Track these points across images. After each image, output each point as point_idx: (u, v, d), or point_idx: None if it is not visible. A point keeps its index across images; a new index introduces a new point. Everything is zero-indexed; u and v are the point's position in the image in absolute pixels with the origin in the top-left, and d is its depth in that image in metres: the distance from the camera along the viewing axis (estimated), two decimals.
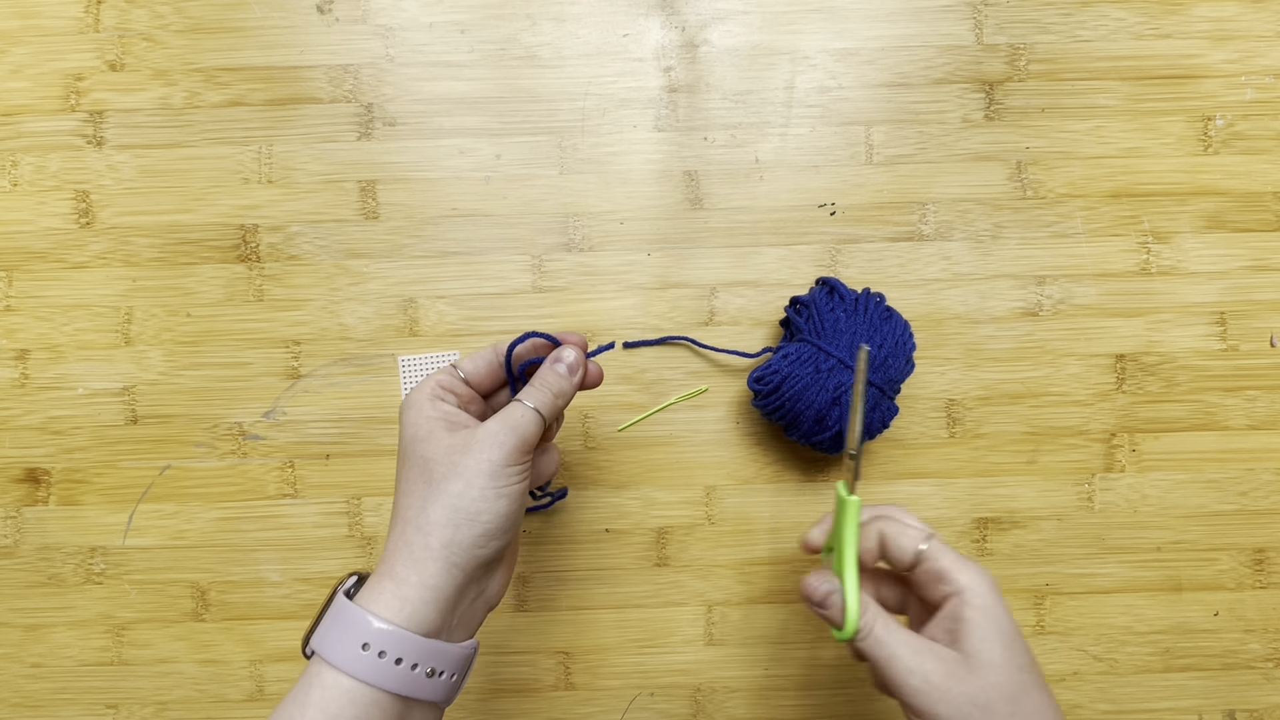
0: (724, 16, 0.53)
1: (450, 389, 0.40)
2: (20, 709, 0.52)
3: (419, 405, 0.38)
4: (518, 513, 0.37)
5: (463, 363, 0.41)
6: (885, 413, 0.47)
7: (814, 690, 0.52)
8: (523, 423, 0.37)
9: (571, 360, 0.41)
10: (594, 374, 0.42)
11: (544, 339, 0.42)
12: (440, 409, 0.38)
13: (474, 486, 0.35)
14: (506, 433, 0.36)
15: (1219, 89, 0.52)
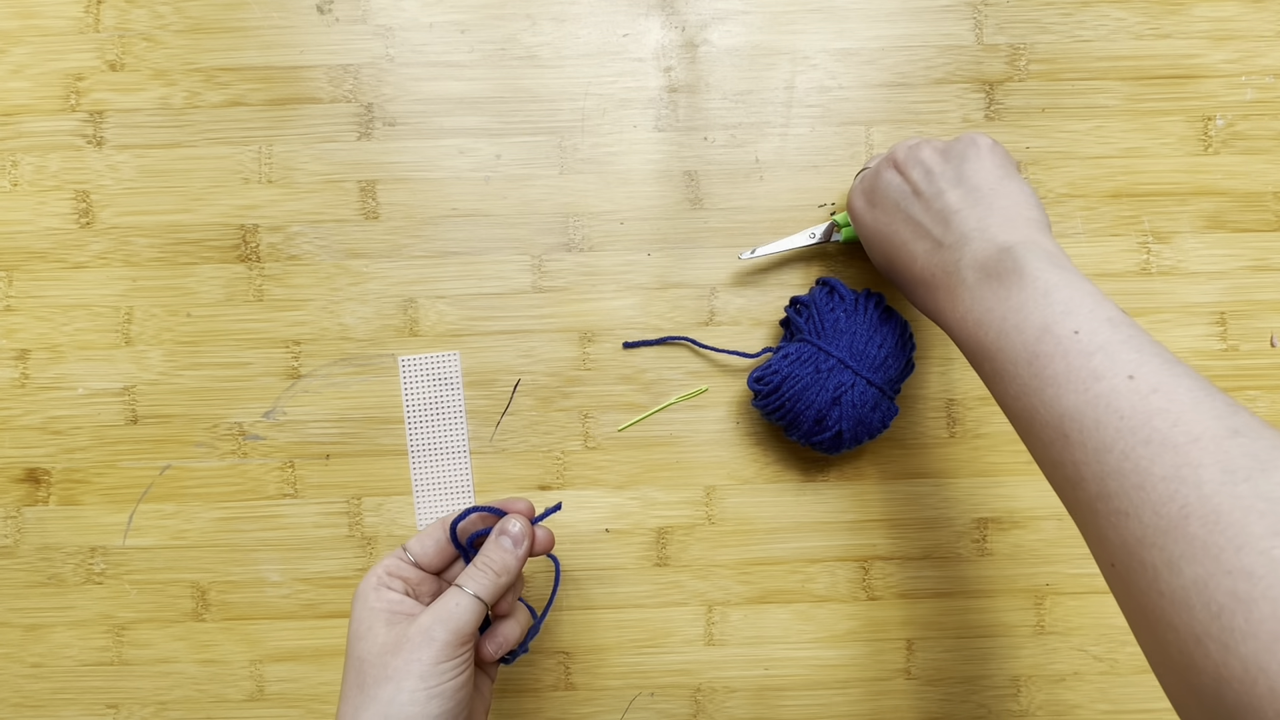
0: (724, 16, 0.53)
1: (397, 574, 0.39)
2: (20, 709, 0.52)
3: (363, 596, 0.37)
4: (457, 709, 0.35)
5: (411, 543, 0.40)
6: (885, 413, 0.47)
7: (814, 690, 0.52)
8: (456, 613, 0.36)
9: (515, 532, 0.40)
10: (543, 540, 0.41)
11: (489, 511, 0.41)
12: (384, 599, 0.37)
13: (403, 690, 0.33)
14: (438, 627, 0.35)
15: (1219, 89, 0.52)
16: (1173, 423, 0.25)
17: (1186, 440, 0.25)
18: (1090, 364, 0.28)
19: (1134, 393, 0.26)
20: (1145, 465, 0.25)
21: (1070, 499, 0.29)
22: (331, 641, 0.52)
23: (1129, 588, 0.26)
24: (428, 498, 0.52)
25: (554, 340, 0.52)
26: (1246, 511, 0.23)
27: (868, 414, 0.46)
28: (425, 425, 0.52)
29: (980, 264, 0.35)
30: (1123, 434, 0.26)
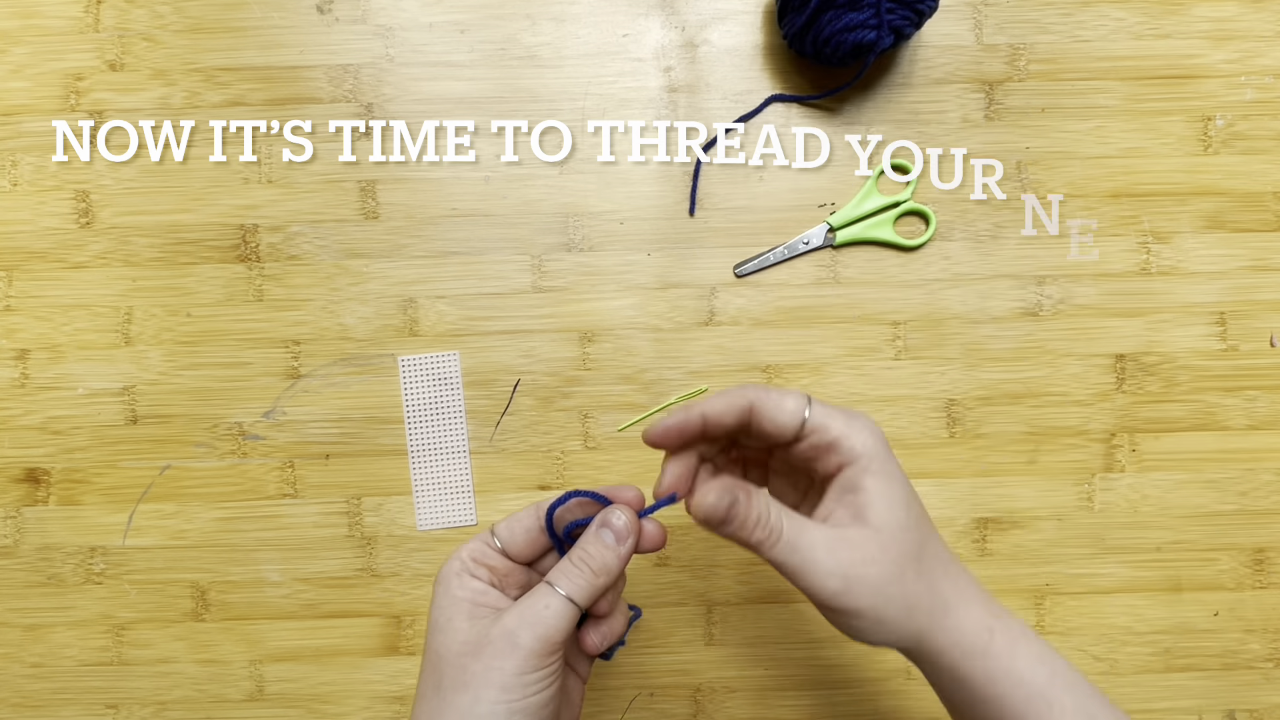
0: (724, 16, 0.53)
1: (482, 560, 0.34)
2: (20, 709, 0.52)
3: (445, 581, 0.33)
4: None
5: (499, 528, 0.35)
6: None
7: (814, 690, 0.52)
8: (545, 616, 0.31)
9: (620, 526, 0.34)
10: (652, 537, 0.35)
11: (590, 497, 0.36)
12: (467, 587, 0.33)
13: (482, 701, 0.30)
14: (524, 631, 0.30)
15: (1219, 89, 0.52)
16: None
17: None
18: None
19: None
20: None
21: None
22: (331, 641, 0.52)
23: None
24: (428, 498, 0.52)
25: (554, 340, 0.52)
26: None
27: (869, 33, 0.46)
28: (425, 425, 0.52)
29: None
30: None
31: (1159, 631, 0.52)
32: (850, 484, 0.32)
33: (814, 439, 0.33)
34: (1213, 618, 0.52)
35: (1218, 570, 0.52)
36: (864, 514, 0.32)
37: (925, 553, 0.33)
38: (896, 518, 0.32)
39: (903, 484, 0.33)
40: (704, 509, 0.31)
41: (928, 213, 0.52)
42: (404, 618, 0.52)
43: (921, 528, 0.33)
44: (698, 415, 0.34)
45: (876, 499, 0.32)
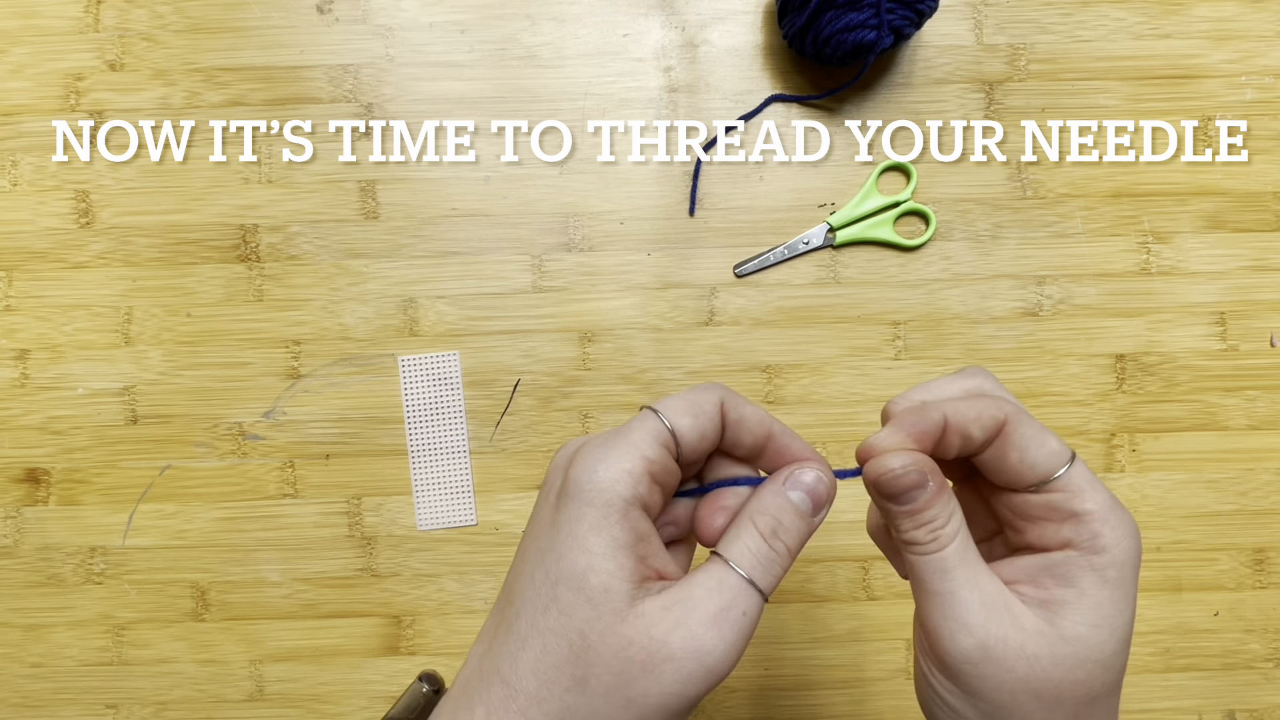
0: (724, 16, 0.53)
1: (661, 479, 0.25)
2: (20, 709, 0.52)
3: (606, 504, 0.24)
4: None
5: (677, 416, 0.25)
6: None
7: (814, 690, 0.52)
8: (744, 624, 0.24)
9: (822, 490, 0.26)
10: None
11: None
12: (635, 528, 0.24)
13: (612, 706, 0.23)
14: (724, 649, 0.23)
15: (1219, 89, 0.52)
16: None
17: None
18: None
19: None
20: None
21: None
22: (331, 641, 0.52)
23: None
24: (428, 498, 0.52)
25: (554, 340, 0.52)
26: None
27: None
28: (425, 425, 0.52)
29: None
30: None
31: (1159, 631, 0.52)
32: (1065, 571, 0.25)
33: (1057, 500, 0.25)
34: (1213, 618, 0.52)
35: (1218, 570, 0.52)
36: (1059, 613, 0.25)
37: (1100, 705, 0.25)
38: (1100, 644, 0.25)
39: (1129, 615, 0.25)
40: (883, 469, 0.25)
41: (928, 213, 0.52)
42: (404, 618, 0.52)
43: (1117, 675, 0.25)
44: (939, 418, 0.26)
45: (1090, 610, 0.25)
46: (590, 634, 0.23)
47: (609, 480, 0.24)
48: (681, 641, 0.23)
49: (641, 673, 0.23)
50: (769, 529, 0.25)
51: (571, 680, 0.23)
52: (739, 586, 0.24)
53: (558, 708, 0.23)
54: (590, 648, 0.23)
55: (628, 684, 0.23)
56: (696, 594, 0.24)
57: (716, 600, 0.24)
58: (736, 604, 0.24)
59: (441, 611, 0.52)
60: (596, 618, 0.23)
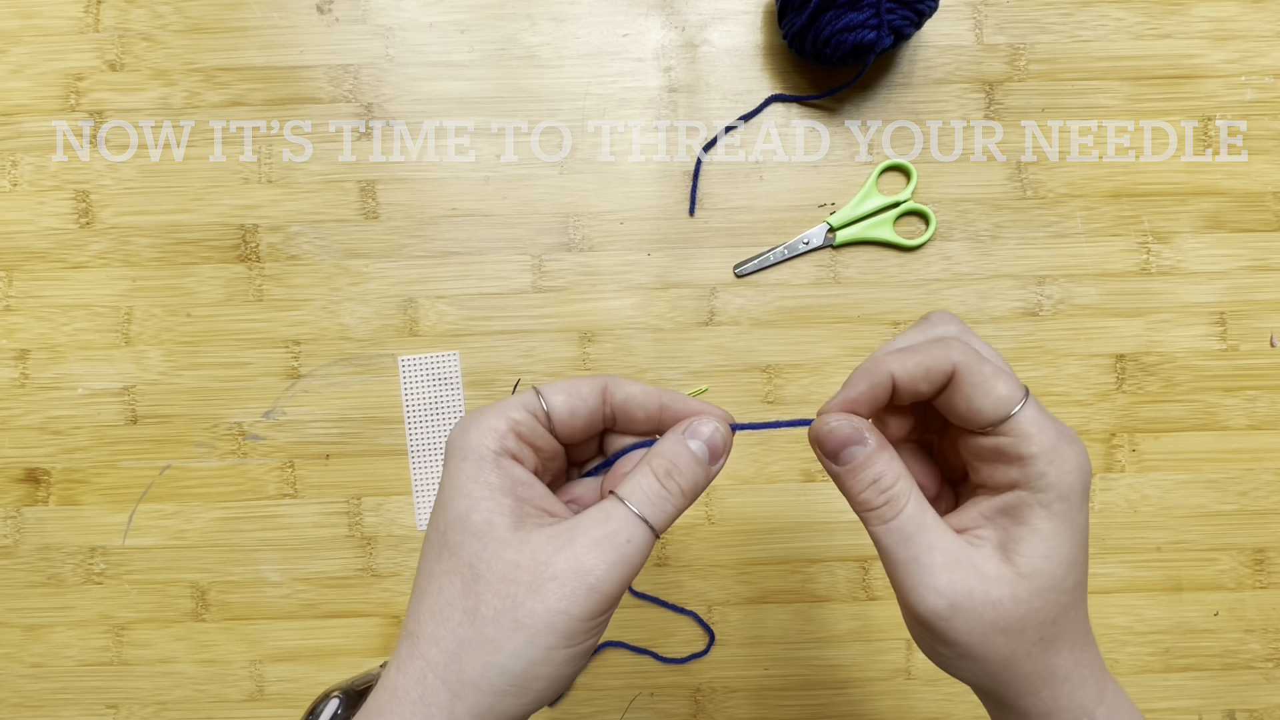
0: (724, 16, 0.53)
1: (530, 438, 0.27)
2: (20, 709, 0.52)
3: (478, 459, 0.26)
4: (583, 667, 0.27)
5: (553, 396, 0.28)
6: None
7: (814, 690, 0.52)
8: (629, 553, 0.25)
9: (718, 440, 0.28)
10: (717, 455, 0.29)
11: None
12: (510, 475, 0.26)
13: (538, 646, 0.24)
14: (602, 570, 0.25)
15: (1219, 89, 0.52)
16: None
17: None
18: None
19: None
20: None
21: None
22: (331, 641, 0.52)
23: None
24: (428, 498, 0.52)
25: (554, 340, 0.52)
26: None
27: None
28: (425, 425, 0.52)
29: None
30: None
31: (1159, 631, 0.52)
32: (1016, 511, 0.27)
33: (1004, 444, 0.26)
34: (1213, 618, 0.52)
35: (1218, 570, 0.52)
36: (1015, 551, 0.26)
37: (1060, 621, 0.27)
38: (1052, 573, 0.26)
39: (1079, 539, 0.27)
40: (819, 431, 0.27)
41: (928, 213, 0.52)
42: (404, 618, 0.52)
43: (1074, 594, 0.27)
44: (885, 376, 0.27)
45: (1040, 544, 0.26)
46: (478, 564, 0.25)
47: (477, 436, 0.26)
48: (565, 562, 0.24)
49: (528, 594, 0.24)
50: (663, 470, 0.27)
51: (463, 614, 0.25)
52: (625, 516, 0.26)
53: (452, 644, 0.25)
54: (479, 577, 0.25)
55: (515, 605, 0.24)
56: (583, 524, 0.26)
57: (602, 528, 0.25)
58: (621, 532, 0.25)
59: None
60: (482, 548, 0.25)
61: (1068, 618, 0.27)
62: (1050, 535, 0.26)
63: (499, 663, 0.24)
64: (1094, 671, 0.28)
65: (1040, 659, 0.27)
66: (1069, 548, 0.26)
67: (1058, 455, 0.26)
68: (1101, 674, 0.29)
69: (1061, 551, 0.26)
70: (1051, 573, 0.26)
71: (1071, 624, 0.27)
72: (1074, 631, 0.28)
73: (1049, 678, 0.27)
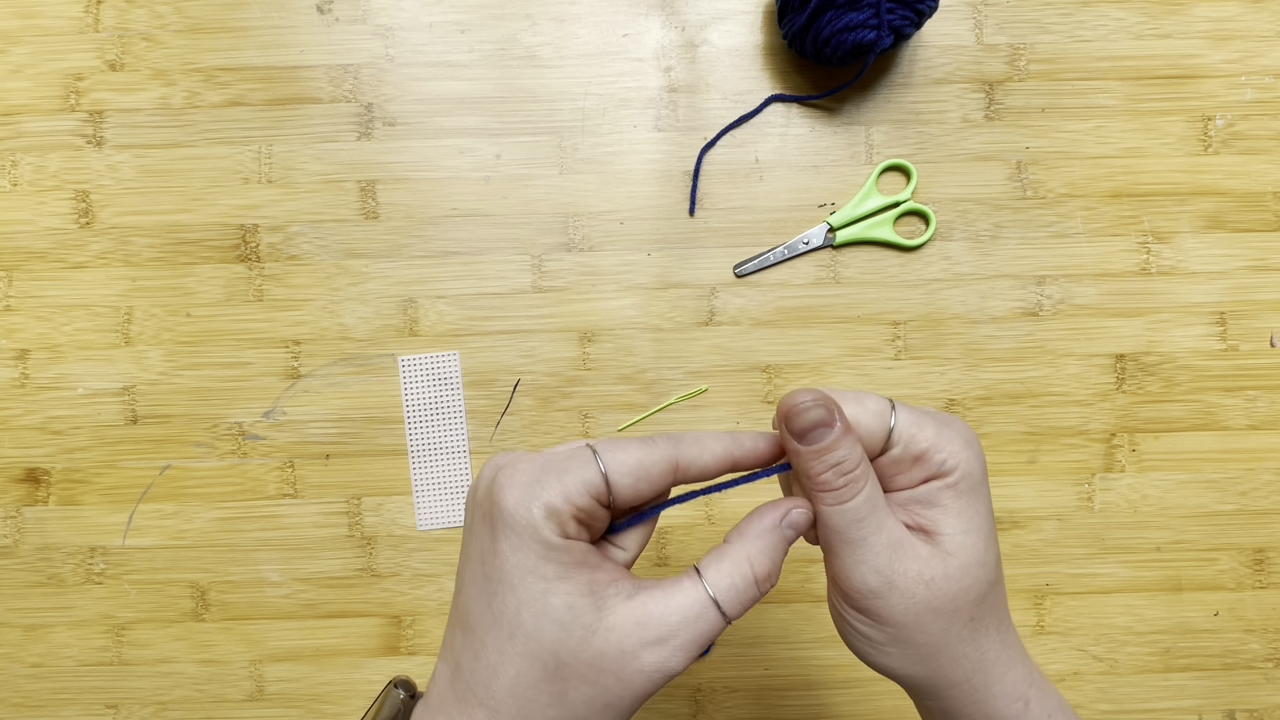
0: (724, 16, 0.53)
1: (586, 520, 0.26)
2: (20, 709, 0.52)
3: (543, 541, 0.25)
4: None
5: (619, 475, 0.26)
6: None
7: (814, 690, 0.52)
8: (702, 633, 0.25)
9: (801, 523, 0.28)
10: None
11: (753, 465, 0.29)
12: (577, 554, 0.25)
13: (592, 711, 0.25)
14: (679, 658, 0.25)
15: (1219, 89, 0.52)
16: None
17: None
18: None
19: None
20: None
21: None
22: (331, 641, 0.52)
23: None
24: (428, 498, 0.52)
25: (554, 340, 0.52)
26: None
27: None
28: (425, 425, 0.52)
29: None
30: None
31: (1159, 631, 0.52)
32: (929, 498, 0.28)
33: (898, 454, 0.28)
34: (1213, 618, 0.52)
35: (1218, 570, 0.52)
36: (937, 532, 0.28)
37: (987, 600, 0.28)
38: (974, 547, 0.28)
39: (988, 513, 0.29)
40: (791, 410, 0.27)
41: (928, 213, 0.52)
42: (404, 618, 0.52)
43: (995, 570, 0.29)
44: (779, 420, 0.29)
45: (955, 520, 0.28)
46: (562, 653, 0.24)
47: (538, 517, 0.25)
48: (653, 659, 0.25)
49: (616, 682, 0.25)
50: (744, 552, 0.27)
51: (551, 696, 0.25)
52: (716, 620, 0.26)
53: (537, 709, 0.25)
54: (565, 664, 0.24)
55: (605, 692, 0.25)
56: (671, 619, 0.25)
57: (691, 630, 0.25)
58: (707, 633, 0.25)
59: (441, 611, 0.52)
60: (567, 636, 0.25)
61: (993, 595, 0.29)
62: (963, 511, 0.28)
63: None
64: (1019, 654, 0.30)
65: (970, 641, 0.28)
66: (982, 520, 0.28)
67: (944, 440, 0.28)
68: (1026, 656, 0.30)
69: (976, 524, 0.28)
70: (974, 546, 0.28)
71: (995, 603, 0.29)
72: (998, 612, 0.29)
73: (979, 661, 0.28)
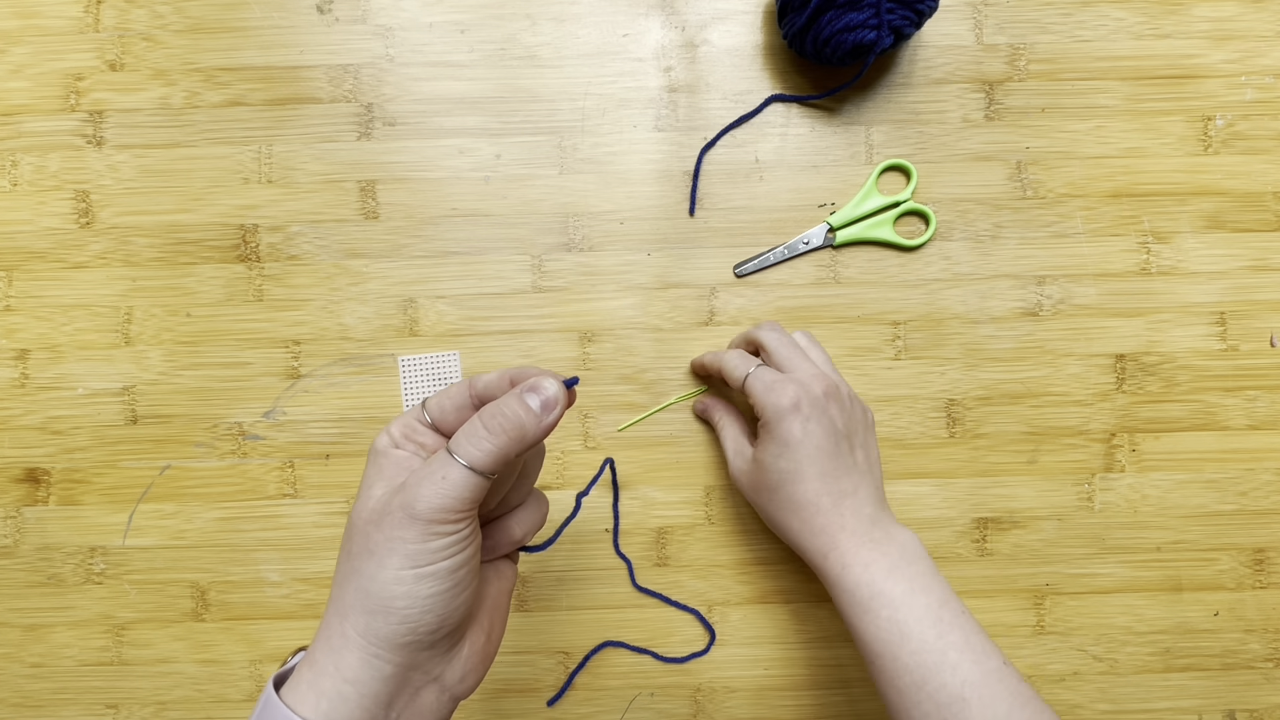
0: (724, 16, 0.53)
1: (412, 436, 0.34)
2: (20, 709, 0.52)
3: (373, 453, 0.33)
4: (456, 588, 0.31)
5: (430, 401, 0.34)
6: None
7: (814, 690, 0.52)
8: (444, 488, 0.30)
9: (550, 394, 0.32)
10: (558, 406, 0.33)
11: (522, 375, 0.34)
12: (392, 458, 0.33)
13: (386, 568, 0.29)
14: (421, 502, 0.30)
15: (1219, 89, 0.52)
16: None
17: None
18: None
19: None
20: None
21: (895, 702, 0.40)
22: None
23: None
24: None
25: (554, 340, 0.52)
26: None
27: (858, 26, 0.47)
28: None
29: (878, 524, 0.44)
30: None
31: (1159, 631, 0.52)
32: (760, 430, 0.46)
33: (746, 399, 0.46)
34: (1213, 618, 0.52)
35: (1218, 570, 0.52)
36: (757, 449, 0.46)
37: (780, 490, 0.45)
38: (765, 461, 0.45)
39: (781, 447, 0.44)
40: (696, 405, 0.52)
41: (928, 213, 0.52)
42: None
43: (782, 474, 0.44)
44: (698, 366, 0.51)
45: (762, 446, 0.45)
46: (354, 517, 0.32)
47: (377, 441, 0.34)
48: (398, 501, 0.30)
49: (375, 529, 0.30)
50: (488, 416, 0.31)
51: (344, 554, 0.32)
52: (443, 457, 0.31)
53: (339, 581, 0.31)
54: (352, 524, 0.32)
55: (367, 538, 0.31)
56: (416, 472, 0.31)
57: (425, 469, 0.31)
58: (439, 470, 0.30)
59: None
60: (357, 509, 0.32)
61: (783, 490, 0.44)
62: (765, 440, 0.45)
63: (362, 586, 0.30)
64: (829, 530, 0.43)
65: (775, 514, 0.45)
66: (775, 447, 0.44)
67: (761, 399, 0.45)
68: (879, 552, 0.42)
69: (770, 450, 0.45)
70: (767, 460, 0.45)
71: (788, 496, 0.44)
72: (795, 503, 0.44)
73: (786, 530, 0.45)
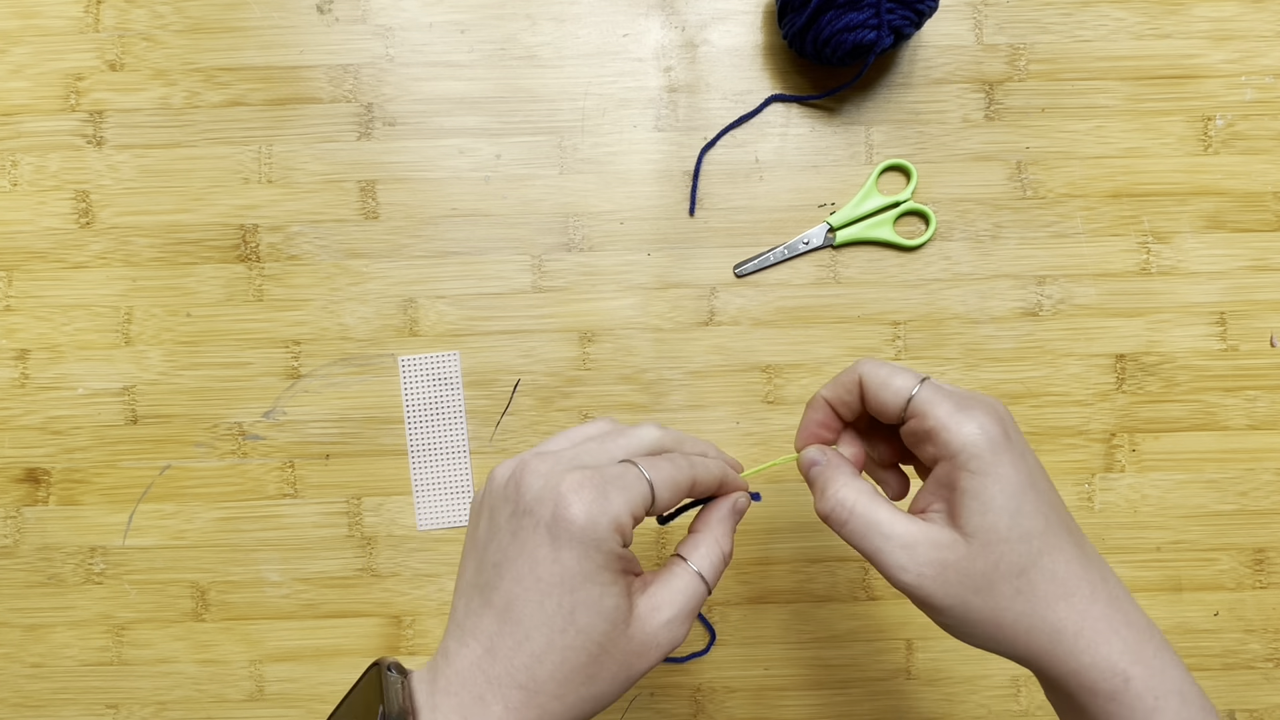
0: (724, 16, 0.53)
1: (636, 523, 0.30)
2: (20, 709, 0.52)
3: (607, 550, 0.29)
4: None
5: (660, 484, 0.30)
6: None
7: (814, 690, 0.52)
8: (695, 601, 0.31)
9: (744, 506, 0.34)
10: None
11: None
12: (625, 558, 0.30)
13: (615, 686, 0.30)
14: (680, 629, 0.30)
15: (1219, 89, 0.52)
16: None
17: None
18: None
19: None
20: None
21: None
22: (331, 641, 0.52)
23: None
24: (428, 498, 0.52)
25: (554, 340, 0.52)
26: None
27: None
28: (425, 425, 0.52)
29: None
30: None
31: None
32: (948, 479, 0.30)
33: (914, 425, 0.31)
34: (1213, 618, 0.52)
35: (1218, 570, 0.52)
36: (957, 515, 0.30)
37: (1035, 569, 0.29)
38: (995, 526, 0.29)
39: (1014, 489, 0.29)
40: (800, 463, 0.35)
41: (928, 213, 0.52)
42: (404, 618, 0.52)
43: (1033, 542, 0.29)
44: (820, 401, 0.35)
45: (972, 501, 0.29)
46: (606, 643, 0.29)
47: (606, 531, 0.29)
48: (666, 635, 0.30)
49: (639, 659, 0.29)
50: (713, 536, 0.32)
51: (586, 677, 0.29)
52: (699, 587, 0.31)
53: (574, 699, 0.29)
54: (605, 652, 0.29)
55: (629, 669, 0.29)
56: (676, 598, 0.30)
57: (692, 603, 0.31)
58: (697, 601, 0.31)
59: (441, 611, 0.52)
60: (612, 629, 0.29)
61: (1040, 569, 0.29)
62: (978, 492, 0.29)
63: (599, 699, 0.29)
64: (1117, 627, 0.29)
65: (1031, 616, 0.29)
66: (1002, 499, 0.29)
67: (954, 420, 0.29)
68: (1136, 631, 0.30)
69: (996, 504, 0.29)
70: (994, 526, 0.29)
71: (1050, 576, 0.29)
72: (1059, 582, 0.29)
73: (1053, 634, 0.29)
